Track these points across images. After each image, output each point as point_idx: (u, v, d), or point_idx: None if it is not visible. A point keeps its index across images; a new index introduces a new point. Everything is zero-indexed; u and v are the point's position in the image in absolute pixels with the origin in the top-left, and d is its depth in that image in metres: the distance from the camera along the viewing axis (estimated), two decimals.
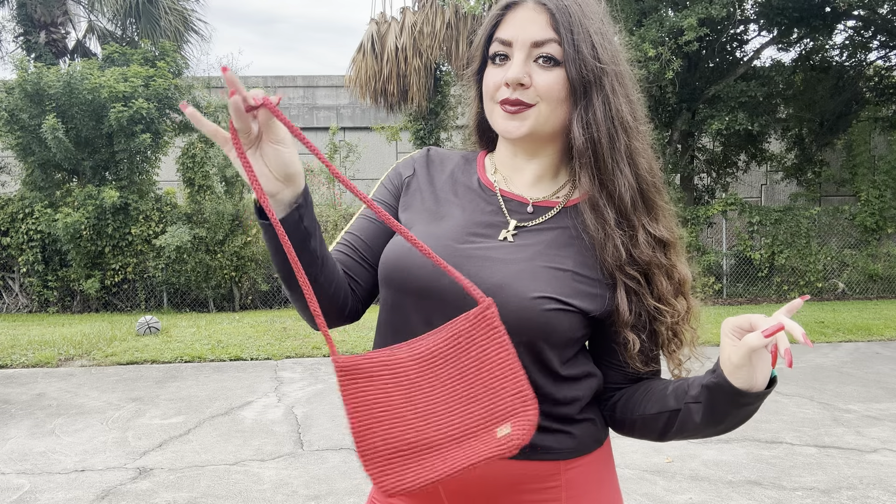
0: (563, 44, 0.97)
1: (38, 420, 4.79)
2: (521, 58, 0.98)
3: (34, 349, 7.17)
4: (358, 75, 11.85)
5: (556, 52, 0.97)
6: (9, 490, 3.53)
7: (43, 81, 9.59)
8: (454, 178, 1.10)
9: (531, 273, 0.95)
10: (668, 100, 11.13)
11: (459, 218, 1.04)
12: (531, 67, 0.98)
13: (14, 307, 11.07)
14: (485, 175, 1.09)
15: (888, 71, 13.01)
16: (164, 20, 13.48)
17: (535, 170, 1.06)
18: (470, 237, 1.01)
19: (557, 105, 0.99)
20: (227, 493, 3.45)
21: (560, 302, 0.94)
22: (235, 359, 6.84)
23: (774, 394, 5.19)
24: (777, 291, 11.34)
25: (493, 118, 1.03)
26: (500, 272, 0.96)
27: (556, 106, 0.99)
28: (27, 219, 10.48)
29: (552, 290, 0.94)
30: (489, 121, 1.04)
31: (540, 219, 1.02)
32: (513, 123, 0.99)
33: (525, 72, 0.97)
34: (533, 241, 1.00)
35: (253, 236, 10.82)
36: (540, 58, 0.98)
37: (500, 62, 1.00)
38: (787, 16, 10.95)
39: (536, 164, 1.06)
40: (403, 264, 0.98)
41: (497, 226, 1.02)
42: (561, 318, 0.94)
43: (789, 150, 13.49)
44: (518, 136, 0.99)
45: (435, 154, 1.15)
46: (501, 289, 0.94)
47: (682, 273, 1.02)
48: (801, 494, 3.33)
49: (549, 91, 0.97)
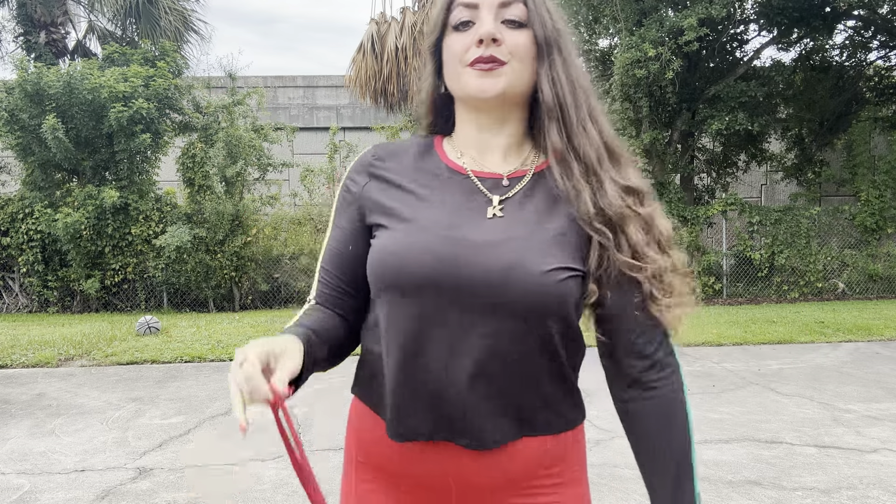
0: (528, 3, 0.99)
1: (38, 420, 4.79)
2: (490, 17, 0.98)
3: (34, 349, 7.17)
4: (358, 75, 11.84)
5: (521, 14, 0.99)
6: (9, 490, 3.53)
7: (43, 81, 9.59)
8: (417, 168, 1.06)
9: (537, 246, 0.95)
10: (668, 100, 11.12)
11: (439, 206, 1.00)
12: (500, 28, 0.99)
13: (14, 307, 11.07)
14: (450, 160, 1.06)
15: (888, 71, 13.01)
16: (164, 20, 13.48)
17: (503, 143, 1.04)
18: (457, 223, 0.98)
19: (527, 64, 1.00)
20: (227, 493, 3.45)
21: (570, 269, 0.95)
22: None
23: (774, 394, 5.19)
24: (777, 291, 11.34)
25: (462, 82, 1.00)
26: (506, 253, 0.94)
27: (526, 65, 1.00)
28: (27, 219, 10.48)
29: (560, 258, 0.95)
30: (455, 88, 1.02)
31: (518, 187, 1.02)
32: (488, 81, 0.98)
33: (497, 28, 0.98)
34: (522, 211, 0.99)
35: (253, 236, 10.82)
36: (506, 20, 0.99)
37: (463, 28, 1.00)
38: (787, 16, 10.95)
39: (504, 136, 1.04)
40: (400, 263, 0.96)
41: (480, 205, 1.00)
42: (571, 285, 0.94)
43: (789, 150, 13.49)
44: (494, 93, 0.98)
45: (383, 151, 1.10)
46: (513, 269, 0.93)
47: (661, 225, 1.00)
48: (801, 494, 3.33)
49: (519, 48, 0.99)
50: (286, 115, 15.45)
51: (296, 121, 15.34)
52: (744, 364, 6.32)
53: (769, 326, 8.21)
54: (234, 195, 10.70)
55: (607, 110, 7.73)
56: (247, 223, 10.74)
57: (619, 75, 10.24)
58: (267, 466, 3.81)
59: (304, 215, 11.55)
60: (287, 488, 3.49)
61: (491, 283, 0.93)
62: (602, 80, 12.05)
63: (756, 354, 6.79)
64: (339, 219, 1.09)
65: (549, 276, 0.92)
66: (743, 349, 7.08)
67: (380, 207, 1.03)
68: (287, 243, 11.29)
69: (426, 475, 1.01)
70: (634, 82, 10.28)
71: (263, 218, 11.37)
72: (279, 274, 11.33)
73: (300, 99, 16.32)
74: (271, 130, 11.25)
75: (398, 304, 0.97)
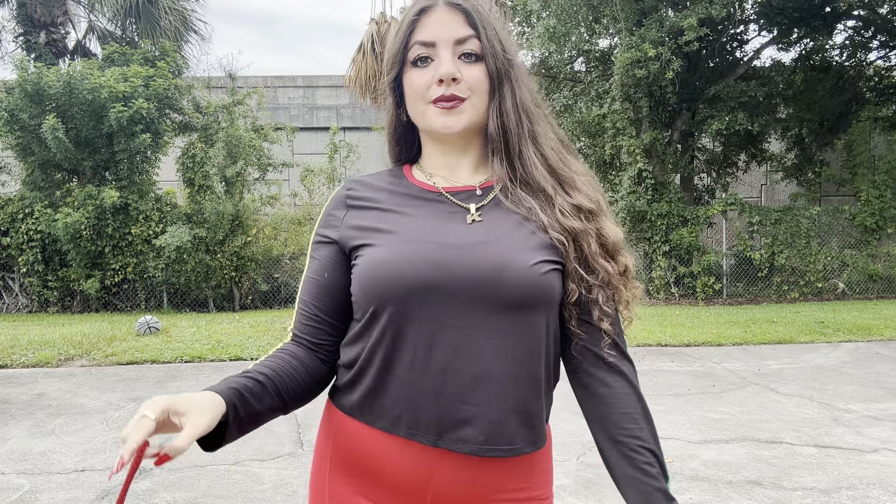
0: (482, 38, 1.03)
1: (38, 420, 4.79)
2: (448, 55, 1.02)
3: (34, 349, 7.17)
4: (358, 75, 11.83)
5: (476, 48, 1.03)
6: (9, 490, 3.53)
7: (43, 81, 9.59)
8: (392, 192, 1.09)
9: (519, 243, 1.00)
10: (668, 100, 11.12)
11: (420, 219, 1.04)
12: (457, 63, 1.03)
13: (14, 307, 11.07)
14: (421, 182, 1.10)
15: (888, 71, 13.02)
16: (164, 20, 13.48)
17: (469, 162, 1.10)
18: (441, 230, 1.02)
19: (483, 97, 1.04)
20: (227, 493, 3.45)
21: (551, 262, 1.00)
22: (235, 359, 6.84)
23: (775, 394, 5.19)
24: (777, 291, 11.34)
25: (425, 118, 1.05)
26: (493, 251, 0.99)
27: (483, 98, 1.04)
28: (27, 219, 10.49)
29: (542, 253, 1.00)
30: (420, 122, 1.07)
31: (490, 195, 1.07)
32: (451, 119, 1.03)
33: (455, 67, 1.02)
34: (500, 215, 1.04)
35: (253, 236, 10.82)
36: (463, 55, 1.03)
37: (422, 65, 1.04)
38: (787, 16, 10.95)
39: (469, 157, 1.10)
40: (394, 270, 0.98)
41: (459, 214, 1.04)
42: (553, 278, 0.99)
43: (789, 150, 13.50)
44: (457, 130, 1.03)
45: (358, 184, 1.13)
46: (504, 268, 0.97)
47: (610, 235, 1.05)
48: (801, 494, 3.33)
49: (476, 83, 1.03)
50: (286, 115, 15.44)
51: (296, 121, 15.33)
52: (744, 364, 6.32)
53: (769, 326, 8.21)
54: (234, 195, 10.70)
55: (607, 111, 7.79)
56: (247, 223, 10.74)
57: (619, 75, 10.24)
58: (267, 466, 3.82)
59: (304, 215, 11.55)
60: (287, 488, 3.50)
61: (484, 280, 0.97)
62: (602, 80, 12.05)
63: (756, 354, 6.79)
64: (317, 251, 1.11)
65: (534, 269, 0.97)
66: (743, 349, 7.08)
67: (361, 230, 1.05)
68: (287, 243, 11.29)
69: (404, 479, 1.02)
70: (634, 82, 10.28)
71: (263, 218, 11.37)
72: (279, 274, 11.33)
73: (300, 99, 16.31)
74: (271, 130, 11.25)
75: (396, 313, 0.98)
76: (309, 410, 4.82)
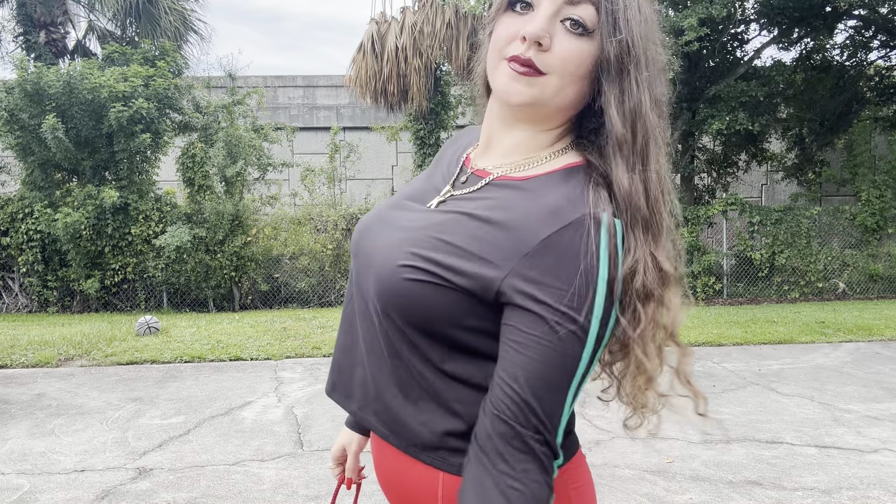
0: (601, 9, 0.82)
1: (38, 420, 4.79)
2: (548, 12, 0.82)
3: (34, 349, 7.17)
4: (358, 75, 11.84)
5: (588, 17, 0.82)
6: (9, 490, 3.53)
7: (43, 81, 9.58)
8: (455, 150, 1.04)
9: (413, 241, 0.86)
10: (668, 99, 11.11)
11: (410, 189, 1.01)
12: (556, 28, 0.83)
13: (14, 307, 11.07)
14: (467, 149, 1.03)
15: (889, 70, 13.01)
16: (164, 20, 13.48)
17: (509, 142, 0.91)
18: (406, 203, 0.97)
19: (572, 82, 0.84)
20: (227, 493, 3.45)
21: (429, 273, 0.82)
22: (235, 359, 6.84)
23: (775, 394, 5.18)
24: (777, 291, 11.34)
25: (494, 74, 0.87)
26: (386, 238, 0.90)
27: (570, 82, 0.84)
28: (27, 219, 10.48)
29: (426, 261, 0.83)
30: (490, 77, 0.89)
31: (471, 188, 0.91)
32: (516, 86, 0.84)
33: (547, 31, 0.82)
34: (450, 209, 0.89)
35: (253, 236, 10.82)
36: (569, 20, 0.82)
37: (521, 10, 0.85)
38: (787, 15, 10.95)
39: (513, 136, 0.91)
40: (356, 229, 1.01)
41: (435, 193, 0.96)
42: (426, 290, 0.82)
43: (790, 150, 13.49)
44: (518, 102, 0.85)
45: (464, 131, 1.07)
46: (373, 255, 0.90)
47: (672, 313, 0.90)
48: (802, 495, 3.32)
49: (566, 62, 0.82)
50: (286, 115, 15.43)
51: (296, 121, 15.32)
52: (744, 364, 6.31)
53: (769, 326, 8.21)
54: (234, 195, 10.69)
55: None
56: (247, 223, 10.73)
57: None
58: (267, 466, 3.81)
59: (304, 215, 11.54)
60: (287, 488, 3.49)
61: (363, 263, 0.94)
62: None
63: (756, 354, 6.78)
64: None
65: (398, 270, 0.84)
66: (743, 349, 7.08)
67: None
68: (287, 243, 11.29)
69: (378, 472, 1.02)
70: None
71: (263, 218, 11.37)
72: (279, 274, 11.32)
73: (300, 99, 16.30)
74: (271, 130, 11.25)
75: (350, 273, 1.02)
76: (309, 410, 4.82)
